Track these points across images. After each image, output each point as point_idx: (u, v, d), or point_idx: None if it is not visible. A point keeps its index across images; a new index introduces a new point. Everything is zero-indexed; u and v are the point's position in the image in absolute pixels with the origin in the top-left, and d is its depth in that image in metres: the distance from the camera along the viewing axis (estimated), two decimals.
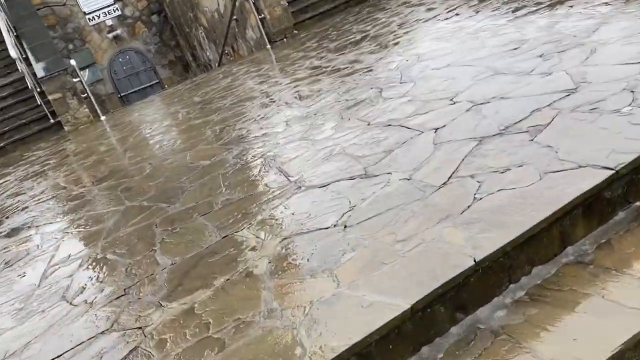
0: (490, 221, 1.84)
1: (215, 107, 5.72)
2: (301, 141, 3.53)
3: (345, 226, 2.17)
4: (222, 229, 2.63)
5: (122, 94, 16.47)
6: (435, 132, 2.77)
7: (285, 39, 9.08)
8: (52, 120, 8.39)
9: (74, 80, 8.05)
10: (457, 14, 5.48)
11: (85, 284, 2.63)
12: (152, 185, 3.85)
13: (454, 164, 2.33)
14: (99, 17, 15.79)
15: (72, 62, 8.08)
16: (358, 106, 3.78)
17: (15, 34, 10.34)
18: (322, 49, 6.58)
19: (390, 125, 3.15)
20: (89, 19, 15.71)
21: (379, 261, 1.85)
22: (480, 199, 2.00)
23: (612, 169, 1.88)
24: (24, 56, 9.45)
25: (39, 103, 8.43)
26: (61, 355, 2.07)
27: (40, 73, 8.20)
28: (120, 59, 16.38)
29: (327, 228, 2.22)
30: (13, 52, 8.12)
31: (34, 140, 8.25)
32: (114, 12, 15.94)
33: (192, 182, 3.56)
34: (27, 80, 8.68)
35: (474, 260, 1.68)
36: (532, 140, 2.30)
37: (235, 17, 10.32)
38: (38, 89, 8.51)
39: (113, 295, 2.39)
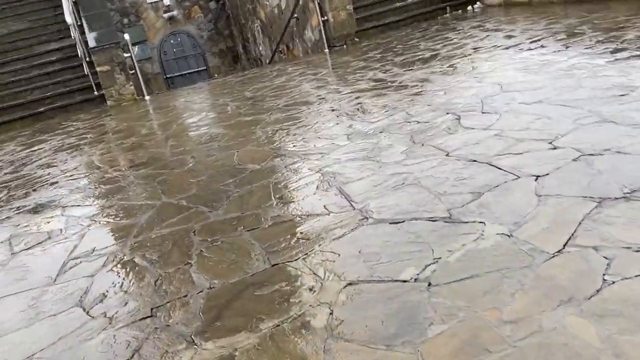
0: (635, 319, 1.42)
1: (267, 106, 5.38)
2: (365, 161, 3.14)
3: (430, 284, 1.77)
4: (271, 254, 2.25)
5: (168, 76, 16.38)
6: (536, 180, 2.34)
7: (345, 46, 8.73)
8: (96, 93, 8.19)
9: (125, 55, 7.83)
10: (542, 46, 5.03)
11: (107, 291, 2.28)
12: (193, 183, 3.50)
13: (569, 228, 1.90)
14: None
15: (126, 36, 7.87)
16: (432, 131, 3.37)
17: (73, 0, 10.25)
18: (386, 62, 6.19)
19: (475, 160, 2.73)
20: None
21: (481, 346, 1.44)
22: (613, 283, 1.57)
23: None
24: (78, 23, 9.32)
25: (86, 73, 8.25)
26: None
27: (92, 43, 8.01)
28: (172, 41, 16.29)
29: (405, 281, 1.82)
30: (69, 18, 7.95)
31: (74, 109, 8.06)
32: None
33: (239, 187, 3.20)
34: (77, 48, 8.52)
35: None
36: None
37: (296, 15, 10.02)
38: (87, 59, 8.33)
39: (137, 313, 2.03)
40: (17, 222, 3.52)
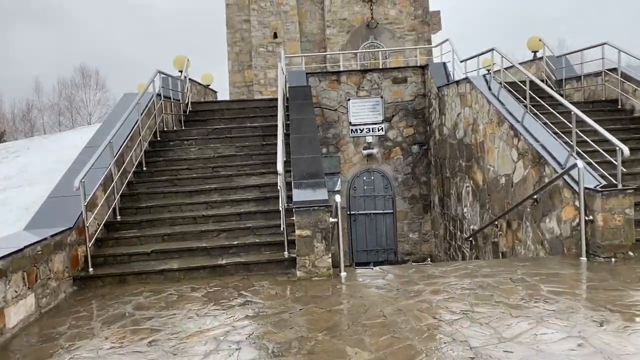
0: None
1: None
2: None
3: None
4: None
5: (352, 212, 15.24)
6: None
7: (614, 260, 6.38)
8: (286, 254, 6.84)
9: (332, 220, 6.42)
10: None
11: None
12: None
13: None
14: (361, 131, 15.10)
15: (337, 198, 6.51)
16: None
17: (285, 132, 9.55)
18: None
19: None
20: (351, 130, 15.11)
21: None
22: None
23: None
24: (286, 159, 8.41)
25: (281, 226, 7.00)
26: None
27: (296, 196, 6.79)
28: (365, 178, 15.32)
29: None
30: (280, 166, 6.87)
31: (258, 270, 6.72)
32: (378, 131, 15.11)
33: None
34: (279, 192, 7.39)
35: None
36: None
37: (537, 197, 8.01)
38: (285, 205, 7.11)
39: None
40: None
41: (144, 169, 9.24)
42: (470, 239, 11.42)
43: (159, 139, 10.32)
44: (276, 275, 6.58)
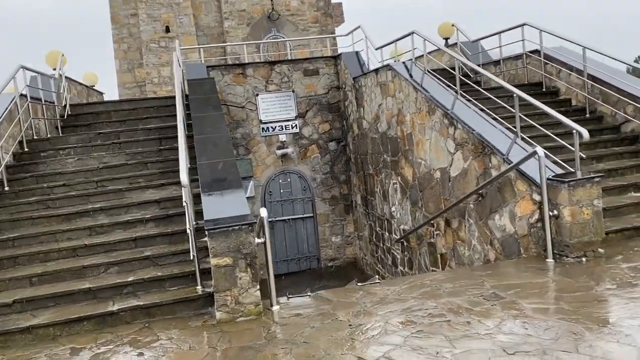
0: None
1: None
2: None
3: None
4: None
5: (269, 219, 13.81)
6: None
7: (584, 259, 5.56)
8: (199, 290, 5.28)
9: (258, 240, 5.02)
10: None
11: None
12: None
13: None
14: (274, 129, 13.73)
15: (263, 212, 5.11)
16: None
17: (188, 133, 7.97)
18: None
19: None
20: (262, 128, 13.70)
21: None
22: None
23: None
24: (191, 166, 6.85)
25: (191, 253, 5.47)
26: None
27: (207, 213, 5.28)
28: (281, 180, 13.98)
29: None
30: (184, 177, 5.35)
31: (162, 314, 5.13)
32: (292, 128, 13.83)
33: None
34: (185, 208, 5.83)
35: None
36: None
37: (482, 191, 7.12)
38: (195, 223, 5.60)
39: None
40: None
41: (6, 188, 7.24)
42: (402, 240, 10.48)
43: (26, 149, 8.28)
44: (188, 319, 5.04)
